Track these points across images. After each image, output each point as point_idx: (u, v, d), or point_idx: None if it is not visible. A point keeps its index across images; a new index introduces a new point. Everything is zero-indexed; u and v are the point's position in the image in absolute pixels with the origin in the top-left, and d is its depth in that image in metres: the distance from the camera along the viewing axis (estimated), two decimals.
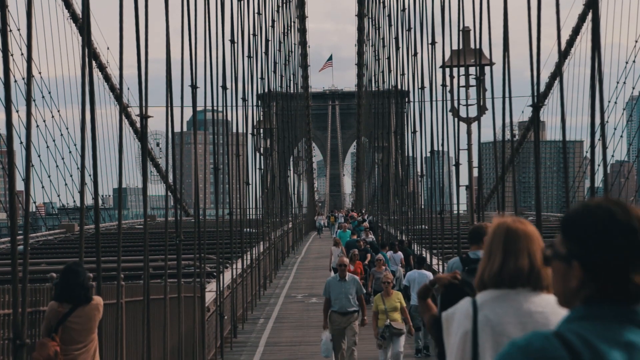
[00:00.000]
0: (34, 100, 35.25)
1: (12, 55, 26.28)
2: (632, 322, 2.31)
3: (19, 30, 31.50)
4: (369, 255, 24.55)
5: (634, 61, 36.13)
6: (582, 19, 37.62)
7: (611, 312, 2.32)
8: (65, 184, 38.32)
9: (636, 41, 35.64)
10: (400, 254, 23.88)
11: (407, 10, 29.96)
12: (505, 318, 3.69)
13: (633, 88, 37.35)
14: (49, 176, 37.24)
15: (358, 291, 14.79)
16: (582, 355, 2.27)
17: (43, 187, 36.75)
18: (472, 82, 26.71)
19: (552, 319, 3.60)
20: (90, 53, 8.58)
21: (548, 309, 3.67)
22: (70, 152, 38.76)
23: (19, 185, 10.86)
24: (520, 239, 3.81)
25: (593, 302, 2.34)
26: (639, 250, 2.30)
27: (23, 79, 28.26)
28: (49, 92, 37.67)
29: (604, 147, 8.03)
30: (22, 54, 30.30)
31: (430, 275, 17.11)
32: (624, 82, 37.32)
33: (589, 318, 2.33)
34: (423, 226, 27.39)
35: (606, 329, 2.31)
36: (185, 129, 18.01)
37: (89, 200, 32.40)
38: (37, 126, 36.27)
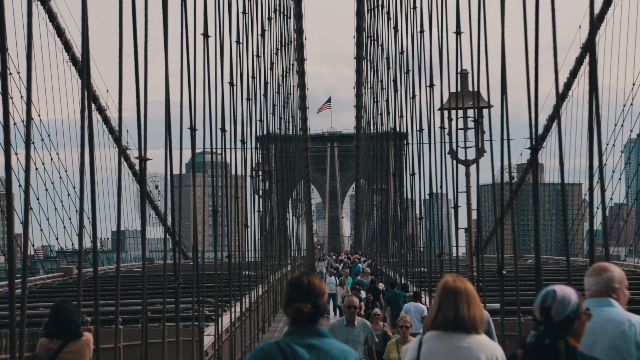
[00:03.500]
0: (33, 143, 35.31)
1: (11, 98, 26.35)
2: (314, 333, 4.77)
3: (18, 73, 31.61)
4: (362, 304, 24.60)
5: (631, 104, 36.24)
6: (579, 61, 37.81)
7: (302, 329, 4.78)
8: (64, 227, 38.30)
9: (633, 84, 35.77)
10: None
11: (405, 53, 30.08)
12: (440, 351, 5.21)
13: (631, 130, 37.44)
14: (48, 219, 37.22)
15: (368, 339, 12.75)
16: (287, 352, 4.73)
17: (41, 230, 36.72)
18: (471, 124, 26.78)
19: (475, 353, 5.15)
20: (89, 96, 8.59)
21: (474, 345, 5.17)
22: (69, 194, 38.76)
23: (18, 228, 10.85)
24: (451, 294, 5.18)
25: (294, 324, 4.81)
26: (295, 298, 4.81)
27: (22, 121, 28.34)
28: (48, 135, 37.74)
29: (603, 190, 8.03)
30: (21, 97, 30.38)
31: (424, 308, 19.21)
32: (622, 125, 37.41)
33: (292, 333, 4.79)
34: (422, 269, 27.33)
35: (300, 338, 4.77)
36: (184, 171, 18.03)
37: (87, 243, 32.30)
38: (36, 169, 36.32)
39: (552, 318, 4.78)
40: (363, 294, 25.30)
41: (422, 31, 23.43)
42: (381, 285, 27.32)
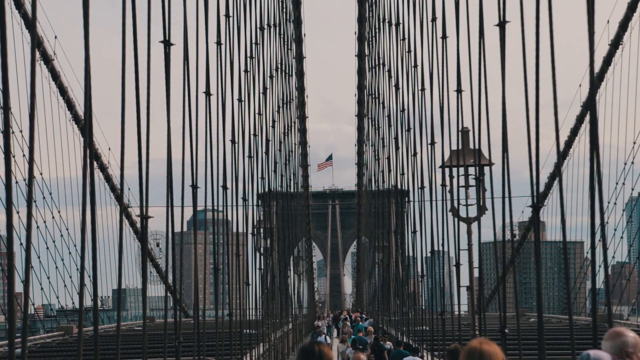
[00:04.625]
0: (35, 202, 35.34)
1: (14, 156, 26.40)
2: None
3: (21, 131, 31.69)
4: None
5: (632, 162, 36.26)
6: (580, 120, 37.96)
7: None
8: (65, 286, 38.14)
9: (634, 142, 35.84)
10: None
11: (406, 111, 30.21)
12: None
13: (632, 189, 37.42)
14: (48, 277, 37.08)
15: None
16: None
17: (42, 288, 36.58)
18: (472, 182, 26.79)
19: None
20: (91, 154, 8.61)
21: None
22: (70, 253, 38.68)
23: (18, 287, 10.83)
24: (476, 356, 5.56)
25: None
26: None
27: (24, 180, 28.37)
28: (50, 193, 37.76)
29: (605, 249, 8.02)
30: (23, 155, 30.44)
31: None
32: (623, 183, 37.41)
33: None
34: (424, 327, 27.18)
35: None
36: (185, 229, 18.00)
37: (88, 302, 32.16)
38: (37, 227, 36.27)
39: None
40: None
41: (423, 89, 23.57)
42: (388, 344, 27.15)
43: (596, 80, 32.45)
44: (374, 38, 45.73)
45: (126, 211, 45.85)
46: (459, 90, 17.09)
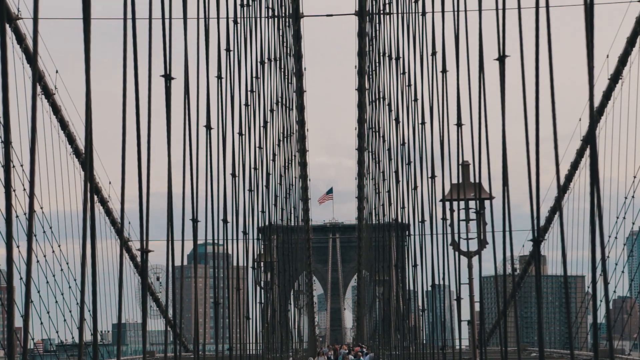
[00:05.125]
0: (35, 235, 35.29)
1: (14, 190, 26.38)
2: None
3: (22, 165, 31.68)
4: None
5: (633, 196, 36.22)
6: (580, 154, 37.99)
7: None
8: (64, 320, 38.00)
9: (634, 177, 35.83)
10: None
11: (406, 145, 30.24)
12: None
13: (633, 223, 37.34)
14: (48, 312, 36.94)
15: None
16: None
17: (42, 323, 36.44)
18: (473, 215, 26.79)
19: None
20: (92, 188, 8.61)
21: None
22: (70, 287, 38.57)
23: (18, 322, 10.79)
24: None
25: None
26: None
27: (25, 214, 28.33)
28: (50, 227, 37.69)
29: (606, 283, 8.00)
30: (24, 189, 30.40)
31: None
32: (624, 218, 37.35)
33: None
34: None
35: None
36: (185, 262, 17.97)
37: (87, 337, 32.06)
38: (37, 261, 36.17)
39: None
40: None
41: (423, 123, 23.61)
42: None
43: (596, 115, 32.52)
44: (374, 72, 45.83)
45: (126, 245, 45.82)
46: (459, 124, 17.11)
